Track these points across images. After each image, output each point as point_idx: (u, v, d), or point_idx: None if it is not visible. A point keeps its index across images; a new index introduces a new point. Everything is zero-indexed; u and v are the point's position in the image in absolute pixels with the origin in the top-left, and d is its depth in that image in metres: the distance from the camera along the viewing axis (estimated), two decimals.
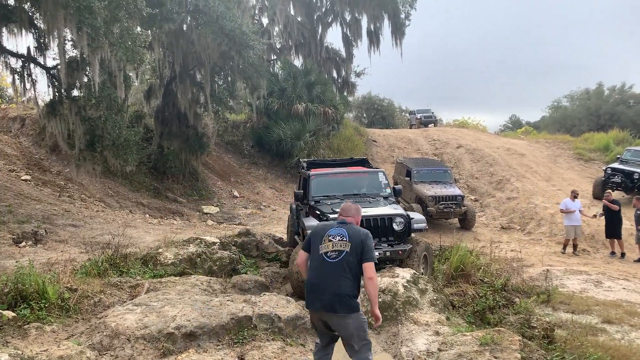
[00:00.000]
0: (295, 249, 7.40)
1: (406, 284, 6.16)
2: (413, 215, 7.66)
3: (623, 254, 11.70)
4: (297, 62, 26.28)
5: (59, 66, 11.41)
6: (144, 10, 10.71)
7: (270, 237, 9.75)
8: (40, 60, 12.31)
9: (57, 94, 12.44)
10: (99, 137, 12.08)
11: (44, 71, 12.33)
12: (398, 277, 6.28)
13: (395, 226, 7.26)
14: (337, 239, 4.06)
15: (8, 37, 11.94)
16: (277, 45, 27.58)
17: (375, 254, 4.26)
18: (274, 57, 27.21)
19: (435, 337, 5.20)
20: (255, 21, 25.21)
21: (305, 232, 7.20)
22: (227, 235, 9.60)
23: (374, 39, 26.76)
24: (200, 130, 18.09)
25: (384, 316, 5.41)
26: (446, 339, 5.07)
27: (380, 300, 4.30)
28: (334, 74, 28.27)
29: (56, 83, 12.22)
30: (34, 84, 12.65)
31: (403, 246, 7.25)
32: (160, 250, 7.80)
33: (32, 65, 12.41)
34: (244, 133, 23.41)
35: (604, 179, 16.30)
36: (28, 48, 12.17)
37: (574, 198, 12.14)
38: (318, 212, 7.58)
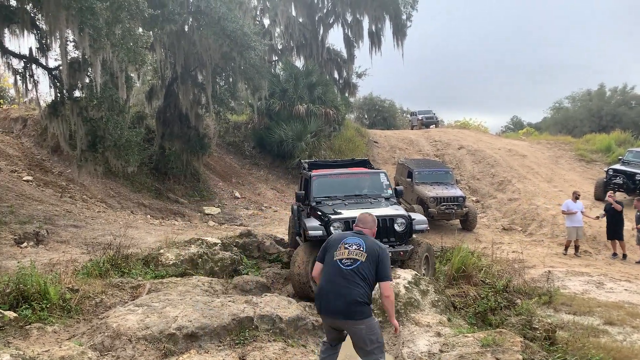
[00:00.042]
0: (297, 250, 7.38)
1: (407, 285, 6.16)
2: (414, 216, 7.63)
3: (625, 256, 11.68)
4: (299, 63, 26.32)
5: (60, 67, 11.44)
6: (145, 11, 10.73)
7: (272, 238, 9.76)
8: (42, 61, 12.37)
9: (59, 94, 12.46)
10: (100, 138, 12.10)
11: (46, 72, 12.36)
12: (399, 278, 6.27)
13: (397, 227, 7.25)
14: (354, 247, 4.07)
15: (10, 38, 12.00)
16: (279, 46, 27.60)
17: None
18: (276, 58, 27.22)
19: (437, 338, 5.20)
20: (257, 22, 25.22)
21: (306, 232, 7.19)
22: (228, 236, 9.60)
23: (376, 40, 26.79)
24: (201, 131, 18.11)
25: (385, 317, 5.41)
26: (447, 340, 5.07)
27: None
28: (336, 75, 28.28)
29: (58, 84, 12.24)
30: (35, 84, 12.69)
31: (405, 247, 7.24)
32: (161, 251, 7.81)
33: (34, 66, 12.45)
34: (245, 134, 23.41)
35: (605, 180, 16.28)
36: (30, 49, 12.24)
37: (575, 199, 12.12)
38: (319, 213, 7.57)
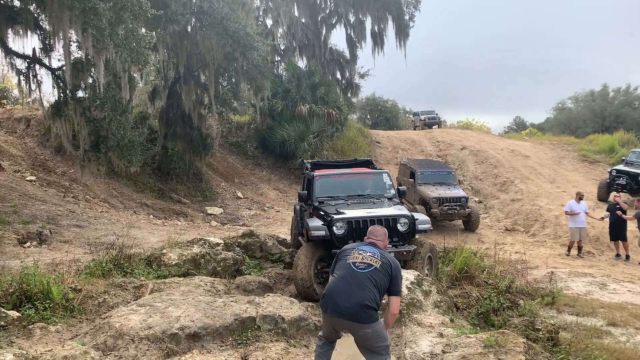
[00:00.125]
0: (298, 253, 7.33)
1: (410, 286, 6.14)
2: (417, 216, 7.61)
3: (628, 257, 11.65)
4: (301, 63, 26.37)
5: (64, 67, 11.46)
6: (148, 11, 10.74)
7: (274, 238, 9.75)
8: (46, 61, 12.40)
9: (62, 95, 12.49)
10: (103, 138, 12.13)
11: (49, 72, 12.39)
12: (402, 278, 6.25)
13: (400, 227, 7.22)
14: (368, 254, 4.11)
15: (14, 39, 12.07)
16: (281, 47, 27.64)
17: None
18: (278, 58, 27.26)
19: (439, 339, 5.18)
20: (260, 22, 25.27)
21: (309, 232, 7.17)
22: (231, 236, 9.60)
23: (378, 40, 26.83)
24: (204, 132, 18.12)
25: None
26: (450, 340, 5.06)
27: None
28: (338, 75, 28.32)
29: (61, 84, 12.27)
30: (39, 85, 12.76)
31: (407, 247, 7.22)
32: (164, 251, 7.81)
33: (37, 67, 12.50)
34: (248, 134, 23.42)
35: (608, 181, 16.25)
36: (33, 49, 12.28)
37: (579, 200, 12.08)
38: (322, 213, 7.56)
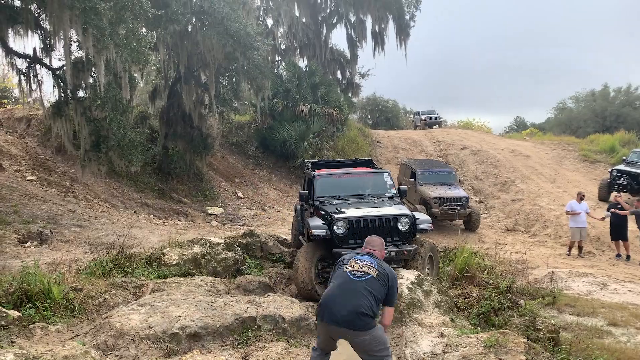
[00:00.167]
0: (298, 255, 7.31)
1: (410, 286, 6.14)
2: (418, 215, 7.60)
3: (628, 257, 11.64)
4: (302, 63, 26.36)
5: (64, 67, 11.47)
6: (149, 11, 10.74)
7: (275, 238, 9.74)
8: (46, 61, 12.39)
9: (62, 94, 12.49)
10: (104, 138, 12.13)
11: (50, 72, 12.39)
12: (402, 278, 6.24)
13: (401, 226, 7.21)
14: (365, 263, 4.12)
15: (14, 38, 12.06)
16: (282, 47, 27.65)
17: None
18: (279, 58, 27.25)
19: (440, 338, 5.18)
20: (260, 22, 25.27)
21: (310, 232, 7.16)
22: (231, 236, 9.60)
23: (379, 40, 26.83)
24: (204, 131, 18.12)
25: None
26: (450, 340, 5.05)
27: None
28: (339, 75, 28.31)
29: (62, 84, 12.28)
30: (39, 84, 12.74)
31: (408, 247, 7.21)
32: (164, 251, 7.81)
33: (38, 66, 12.49)
34: (249, 134, 23.43)
35: (609, 180, 16.24)
36: (34, 49, 12.27)
37: (580, 200, 12.07)
38: (323, 213, 7.55)
